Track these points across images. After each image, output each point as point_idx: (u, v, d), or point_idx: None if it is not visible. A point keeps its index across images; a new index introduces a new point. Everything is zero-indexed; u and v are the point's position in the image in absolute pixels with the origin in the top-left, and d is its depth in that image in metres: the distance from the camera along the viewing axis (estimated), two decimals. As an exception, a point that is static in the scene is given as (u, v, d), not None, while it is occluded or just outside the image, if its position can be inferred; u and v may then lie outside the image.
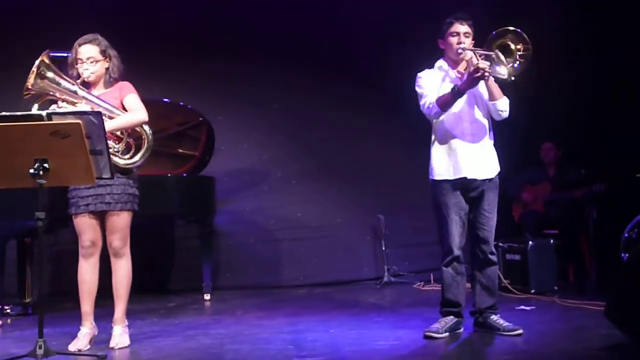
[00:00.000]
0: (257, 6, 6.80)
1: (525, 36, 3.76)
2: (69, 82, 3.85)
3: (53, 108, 3.77)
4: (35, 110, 3.72)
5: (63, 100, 3.82)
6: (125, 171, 3.89)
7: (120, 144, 3.89)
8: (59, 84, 3.82)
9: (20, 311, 5.19)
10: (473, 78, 3.78)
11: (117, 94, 3.95)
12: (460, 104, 3.97)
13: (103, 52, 3.94)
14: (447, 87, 3.96)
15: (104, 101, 3.88)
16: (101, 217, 3.89)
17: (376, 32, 6.84)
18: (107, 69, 3.97)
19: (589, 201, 6.09)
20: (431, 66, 4.15)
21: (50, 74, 3.79)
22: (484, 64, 3.77)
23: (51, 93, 3.81)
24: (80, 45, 3.91)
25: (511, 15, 6.29)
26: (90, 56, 3.90)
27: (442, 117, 4.01)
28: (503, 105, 3.99)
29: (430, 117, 4.02)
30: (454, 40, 4.00)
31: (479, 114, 4.05)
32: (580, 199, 6.19)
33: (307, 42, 6.80)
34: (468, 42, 3.98)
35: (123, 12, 6.44)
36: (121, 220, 3.90)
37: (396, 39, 6.75)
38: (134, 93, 3.97)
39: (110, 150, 3.74)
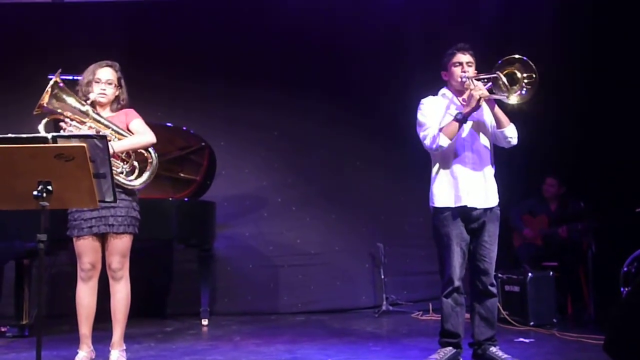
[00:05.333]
0: (259, 32, 6.87)
1: (532, 64, 3.79)
2: (80, 102, 3.91)
3: (61, 127, 3.82)
4: (43, 124, 3.77)
5: (72, 120, 3.87)
6: (129, 192, 3.93)
7: (126, 165, 3.94)
8: (70, 104, 3.89)
9: (17, 333, 5.17)
10: (476, 101, 3.80)
11: (123, 119, 4.02)
12: (464, 132, 3.99)
13: (118, 80, 4.07)
14: (451, 114, 3.98)
15: (112, 123, 3.94)
16: (102, 240, 3.90)
17: (377, 60, 6.90)
18: (117, 96, 4.06)
19: (579, 238, 6.11)
20: (434, 93, 4.18)
21: (63, 94, 3.88)
22: (484, 90, 3.80)
23: (61, 112, 3.87)
24: (101, 67, 4.03)
25: (510, 41, 6.38)
26: (109, 79, 4.01)
27: None
28: (511, 132, 4.01)
29: (432, 151, 4.02)
30: (457, 70, 4.03)
31: (482, 143, 4.07)
32: (564, 237, 6.20)
33: (310, 69, 6.87)
34: (471, 71, 4.01)
35: (125, 36, 6.51)
36: (122, 243, 3.90)
37: (398, 66, 6.82)
38: (139, 118, 4.06)
39: (117, 170, 3.78)
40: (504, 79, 3.82)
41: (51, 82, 3.81)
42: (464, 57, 4.04)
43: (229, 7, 6.91)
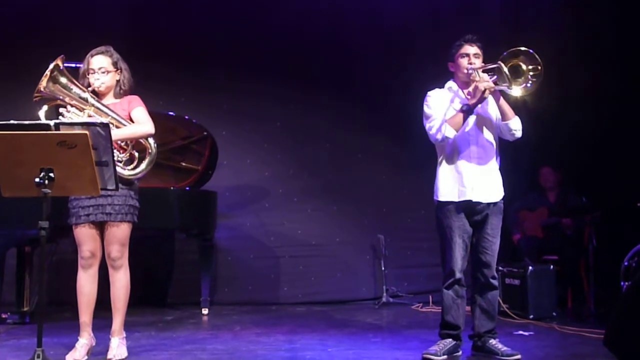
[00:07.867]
0: (263, 24, 6.84)
1: (537, 56, 3.78)
2: (80, 88, 3.88)
3: (62, 113, 3.80)
4: (44, 110, 3.75)
5: (72, 106, 3.85)
6: (126, 182, 3.90)
7: (124, 154, 3.91)
8: (70, 89, 3.86)
9: (18, 320, 5.19)
10: (481, 92, 3.80)
11: (126, 106, 3.98)
12: (469, 126, 3.98)
13: (115, 64, 4.00)
14: (456, 108, 3.98)
15: (112, 111, 3.91)
16: (101, 228, 3.89)
17: (381, 53, 6.89)
18: (117, 80, 4.02)
19: (583, 228, 6.11)
20: (441, 86, 4.16)
21: (62, 79, 3.84)
22: (490, 82, 3.80)
23: (61, 98, 3.85)
24: (92, 55, 3.97)
25: (515, 35, 6.35)
26: (102, 66, 3.95)
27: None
28: (516, 125, 4.00)
29: (437, 142, 4.01)
30: (463, 61, 4.01)
31: (487, 137, 4.06)
32: (567, 227, 6.19)
33: (313, 61, 6.86)
34: (478, 63, 3.99)
35: (129, 26, 6.49)
36: (120, 232, 3.89)
37: (400, 60, 6.81)
38: (141, 106, 4.01)
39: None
40: (515, 70, 3.81)
41: (51, 66, 3.76)
42: (471, 49, 4.02)
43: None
